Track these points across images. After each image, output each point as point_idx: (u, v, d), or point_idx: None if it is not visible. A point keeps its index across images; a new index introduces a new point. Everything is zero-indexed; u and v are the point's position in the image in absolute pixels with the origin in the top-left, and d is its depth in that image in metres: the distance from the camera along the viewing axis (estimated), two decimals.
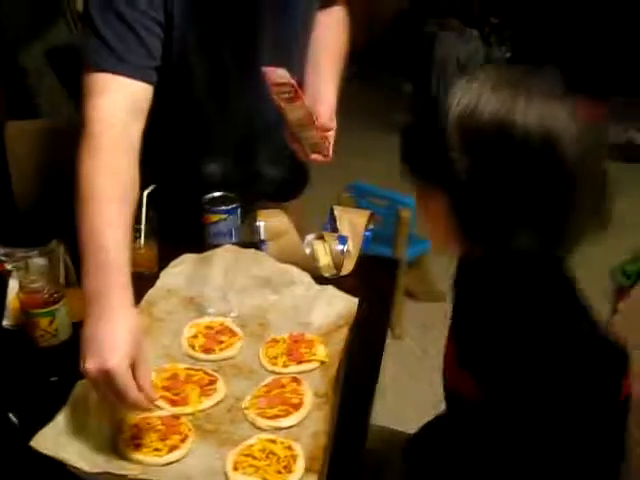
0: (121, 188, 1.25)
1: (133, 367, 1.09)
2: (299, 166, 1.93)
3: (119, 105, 1.31)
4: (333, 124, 1.55)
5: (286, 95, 1.42)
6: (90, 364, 1.07)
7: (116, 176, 1.25)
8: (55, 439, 1.11)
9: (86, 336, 1.10)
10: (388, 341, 1.37)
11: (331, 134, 1.57)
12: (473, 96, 0.95)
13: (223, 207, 1.64)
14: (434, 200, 1.03)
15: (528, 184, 0.93)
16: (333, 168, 1.99)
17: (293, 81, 1.38)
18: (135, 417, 1.19)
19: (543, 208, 0.95)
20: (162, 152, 1.57)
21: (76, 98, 2.40)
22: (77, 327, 1.42)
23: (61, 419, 1.15)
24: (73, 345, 1.39)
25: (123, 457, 1.13)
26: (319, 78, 1.61)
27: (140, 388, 1.09)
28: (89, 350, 1.08)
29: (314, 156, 1.57)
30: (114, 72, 1.32)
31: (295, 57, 1.60)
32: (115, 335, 1.08)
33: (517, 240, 0.96)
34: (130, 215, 1.25)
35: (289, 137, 1.56)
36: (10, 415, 1.22)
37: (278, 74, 1.37)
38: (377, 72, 5.95)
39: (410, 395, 2.48)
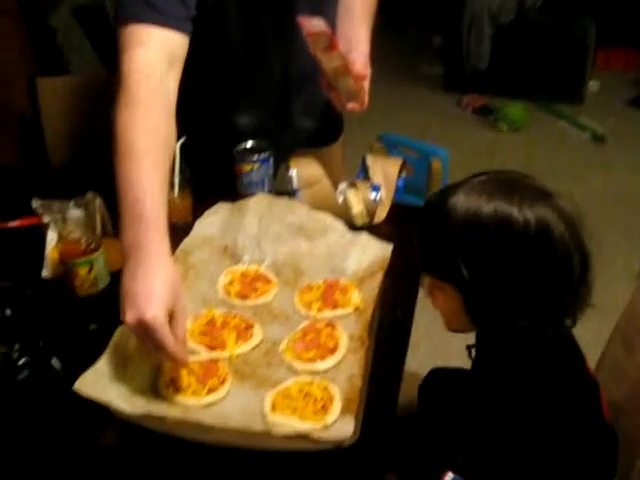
0: (158, 141, 1.24)
1: (170, 318, 1.11)
2: (333, 117, 1.92)
3: (155, 56, 1.30)
4: (368, 72, 1.53)
5: (322, 45, 1.40)
6: (129, 316, 1.08)
7: (152, 129, 1.24)
8: (96, 383, 1.13)
9: (124, 288, 1.11)
10: (420, 295, 1.38)
11: (366, 83, 1.55)
12: (473, 201, 1.04)
13: (255, 156, 1.64)
14: (444, 292, 1.12)
15: (529, 272, 1.02)
16: (363, 119, 1.98)
17: (329, 30, 1.37)
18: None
19: (542, 292, 1.04)
20: (196, 102, 1.57)
21: (104, 55, 2.41)
22: (115, 276, 1.45)
23: (102, 364, 1.17)
24: (111, 294, 1.42)
25: (163, 400, 1.16)
26: (352, 25, 1.58)
27: (177, 339, 1.11)
28: (128, 302, 1.09)
29: (350, 105, 1.56)
30: (149, 23, 1.31)
31: (330, 6, 1.58)
32: (152, 287, 1.09)
33: (524, 321, 1.06)
34: (167, 167, 1.25)
35: (325, 86, 1.55)
36: (52, 361, 1.24)
37: (313, 24, 1.35)
38: (407, 23, 5.87)
39: (442, 348, 2.49)
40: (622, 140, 4.37)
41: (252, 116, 1.71)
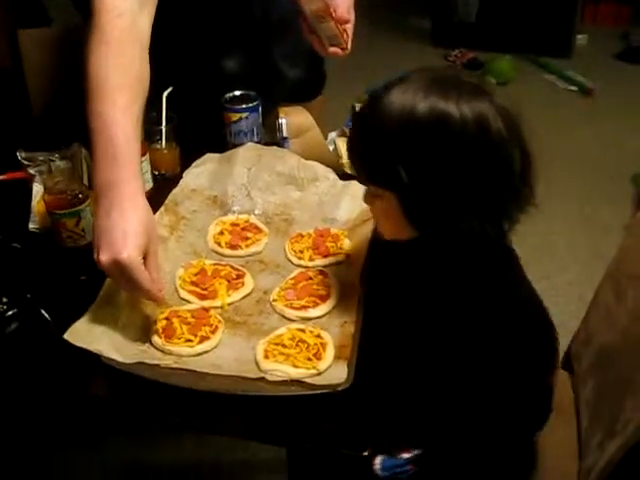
0: (131, 78, 1.22)
1: (145, 258, 1.11)
2: (317, 65, 1.90)
3: None
4: (351, 16, 1.51)
5: None
6: (103, 255, 1.08)
7: (125, 67, 1.21)
8: (88, 332, 1.13)
9: (98, 229, 1.11)
10: None
11: (349, 27, 1.53)
12: (408, 99, 0.98)
13: (244, 105, 1.61)
14: (383, 199, 1.06)
15: (469, 171, 0.98)
16: (350, 74, 1.96)
17: None
18: (165, 310, 1.20)
19: (484, 191, 1.00)
20: (179, 50, 1.55)
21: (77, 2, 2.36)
22: None
23: (93, 314, 1.16)
24: None
25: (155, 348, 1.15)
26: None
27: (151, 278, 1.11)
28: (101, 242, 1.09)
29: (332, 49, 1.54)
30: None
31: None
32: (127, 226, 1.09)
33: (465, 223, 1.02)
34: (141, 106, 1.22)
35: (306, 29, 1.53)
36: (42, 311, 1.23)
37: None
38: None
39: None
40: (610, 93, 4.35)
41: (236, 61, 1.68)
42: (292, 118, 1.59)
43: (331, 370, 1.09)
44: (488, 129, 0.97)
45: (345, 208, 1.46)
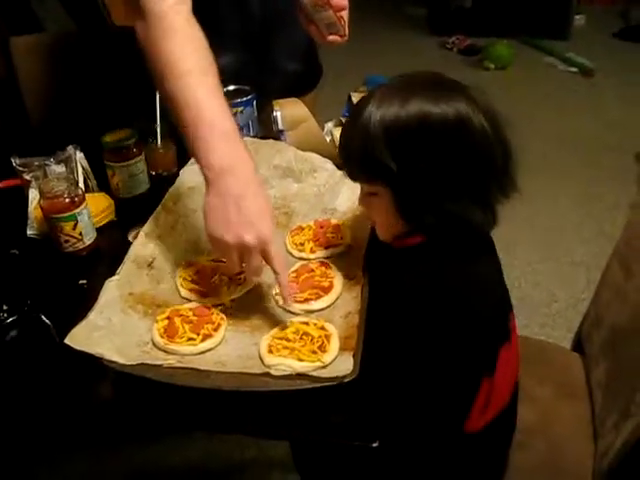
0: (205, 60, 1.21)
1: None
2: (313, 58, 1.88)
3: None
4: (346, 2, 1.50)
5: None
6: (248, 237, 1.08)
7: (200, 51, 1.21)
8: (88, 336, 1.11)
9: (222, 208, 1.10)
10: None
11: (345, 13, 1.51)
12: (388, 107, 1.03)
13: (238, 99, 1.60)
14: (377, 195, 1.10)
15: (454, 162, 1.03)
16: (347, 63, 1.94)
17: None
18: (165, 310, 1.19)
19: (469, 180, 1.05)
20: None
21: (78, 19, 2.35)
22: (101, 231, 1.42)
23: (93, 317, 1.14)
24: (99, 249, 1.40)
25: (158, 349, 1.13)
26: None
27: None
28: (230, 221, 1.09)
29: (331, 37, 1.53)
30: None
31: None
32: (263, 205, 1.12)
33: (452, 210, 1.06)
34: (220, 84, 1.21)
35: (304, 20, 1.52)
36: (42, 317, 1.22)
37: None
38: None
39: None
40: (610, 72, 4.33)
41: (233, 57, 1.66)
42: (287, 110, 1.57)
43: (337, 362, 1.07)
44: (469, 125, 1.02)
45: (344, 197, 1.44)
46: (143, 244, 1.31)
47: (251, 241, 1.08)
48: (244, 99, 1.60)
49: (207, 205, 1.13)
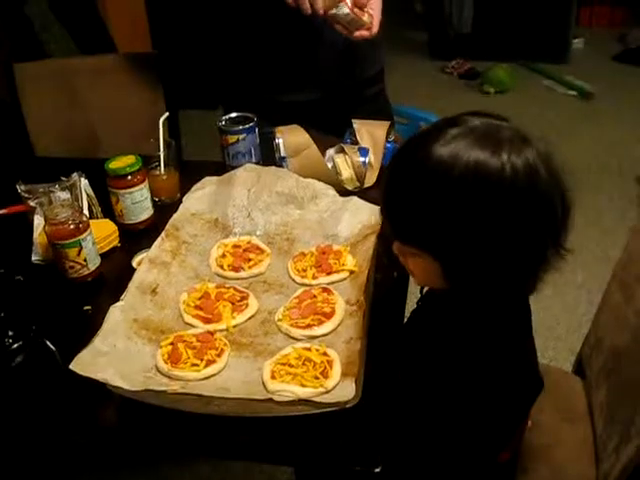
0: None
1: None
2: None
3: None
4: None
5: None
6: None
7: None
8: (93, 362, 1.12)
9: None
10: None
11: (376, 7, 1.58)
12: (446, 154, 0.92)
13: (240, 127, 1.62)
14: (418, 258, 1.01)
15: (515, 227, 0.92)
16: None
17: None
18: (169, 336, 1.20)
19: (528, 244, 0.94)
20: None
21: (82, 45, 2.39)
22: (105, 257, 1.44)
23: (98, 343, 1.15)
24: (103, 275, 1.41)
25: (161, 374, 1.14)
26: None
27: None
28: None
29: (357, 33, 1.57)
30: None
31: None
32: None
33: (502, 277, 0.97)
34: None
35: (330, 22, 1.56)
36: (47, 342, 1.23)
37: None
38: None
39: None
40: (609, 96, 4.35)
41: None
42: (289, 137, 1.59)
43: (339, 387, 1.08)
44: (537, 178, 0.92)
45: (346, 224, 1.45)
46: (147, 270, 1.33)
47: None
48: (246, 126, 1.62)
49: None
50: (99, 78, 1.24)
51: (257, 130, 1.64)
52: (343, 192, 1.54)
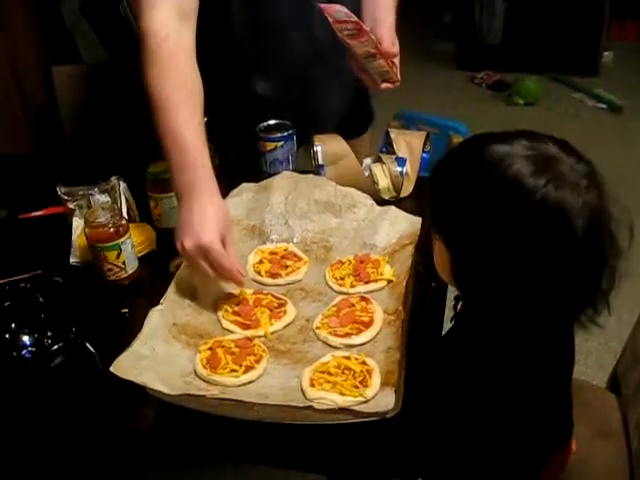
0: (187, 92, 1.34)
1: (223, 245, 1.25)
2: (364, 102, 1.91)
3: (167, 15, 1.36)
4: (396, 49, 1.51)
5: (349, 32, 1.40)
6: (187, 242, 1.24)
7: (181, 83, 1.34)
8: (133, 365, 1.12)
9: (181, 222, 1.27)
10: None
11: (397, 59, 1.54)
12: (500, 162, 0.91)
13: (278, 134, 1.62)
14: (439, 242, 1.02)
15: (528, 255, 0.90)
16: (377, 99, 1.96)
17: (355, 18, 1.36)
18: (208, 341, 1.20)
19: (537, 280, 0.91)
20: (214, 79, 1.56)
21: (109, 45, 2.42)
22: (143, 261, 1.45)
23: (137, 346, 1.16)
24: (140, 278, 1.42)
25: (200, 379, 1.15)
26: (376, 1, 1.57)
27: (230, 260, 1.26)
28: (185, 232, 1.25)
29: (384, 85, 1.56)
30: None
31: None
32: (205, 217, 1.25)
33: (500, 304, 0.96)
34: (201, 114, 1.34)
35: (356, 69, 1.55)
36: (87, 344, 1.24)
37: (336, 10, 1.35)
38: (415, 2, 5.82)
39: None
40: (639, 110, 4.32)
41: (273, 85, 1.70)
42: (327, 145, 1.59)
43: (378, 397, 1.07)
44: (565, 222, 0.88)
45: (384, 233, 1.45)
46: (186, 275, 1.33)
47: (188, 247, 1.23)
48: (285, 134, 1.63)
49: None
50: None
51: (295, 138, 1.65)
52: (379, 202, 1.54)
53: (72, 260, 1.48)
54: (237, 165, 1.65)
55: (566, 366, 1.10)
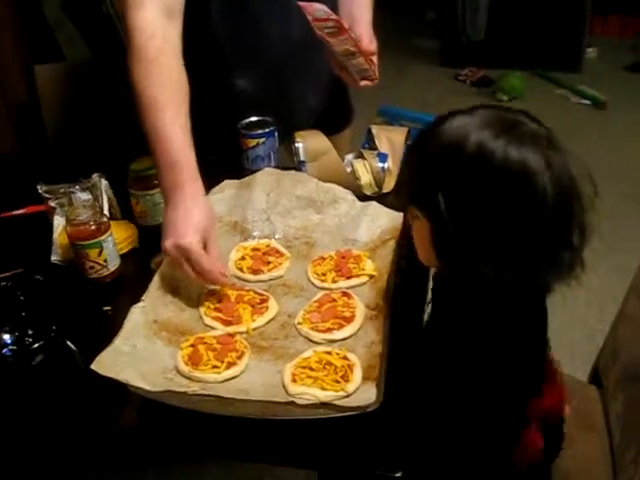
0: (173, 91, 1.35)
1: (205, 245, 1.26)
2: (343, 98, 1.92)
3: (154, 14, 1.36)
4: (374, 46, 1.53)
5: (329, 30, 1.40)
6: (168, 242, 1.24)
7: (166, 81, 1.34)
8: (114, 362, 1.12)
9: (165, 222, 1.28)
10: None
11: (375, 57, 1.55)
12: (462, 131, 0.96)
13: (260, 131, 1.62)
14: (419, 221, 1.05)
15: (502, 217, 0.94)
16: (360, 96, 1.97)
17: (335, 16, 1.37)
18: (189, 338, 1.20)
19: (510, 247, 0.96)
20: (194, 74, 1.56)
21: (92, 44, 2.40)
22: (125, 258, 1.44)
23: (118, 343, 1.16)
24: (123, 276, 1.41)
25: (182, 376, 1.15)
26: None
27: (211, 260, 1.26)
28: (167, 232, 1.26)
29: (363, 82, 1.58)
30: None
31: None
32: (188, 218, 1.25)
33: (483, 269, 0.97)
34: (186, 113, 1.34)
35: (336, 67, 1.55)
36: (68, 342, 1.23)
37: (315, 8, 1.35)
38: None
39: None
40: (622, 105, 4.35)
41: (251, 81, 1.70)
42: (309, 142, 1.59)
43: (360, 391, 1.08)
44: (530, 181, 0.92)
45: (365, 229, 1.46)
46: (167, 272, 1.33)
47: (169, 247, 1.24)
48: (266, 130, 1.62)
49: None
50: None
51: (276, 134, 1.65)
52: (361, 197, 1.55)
53: (53, 258, 1.48)
54: (219, 162, 1.64)
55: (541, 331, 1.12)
